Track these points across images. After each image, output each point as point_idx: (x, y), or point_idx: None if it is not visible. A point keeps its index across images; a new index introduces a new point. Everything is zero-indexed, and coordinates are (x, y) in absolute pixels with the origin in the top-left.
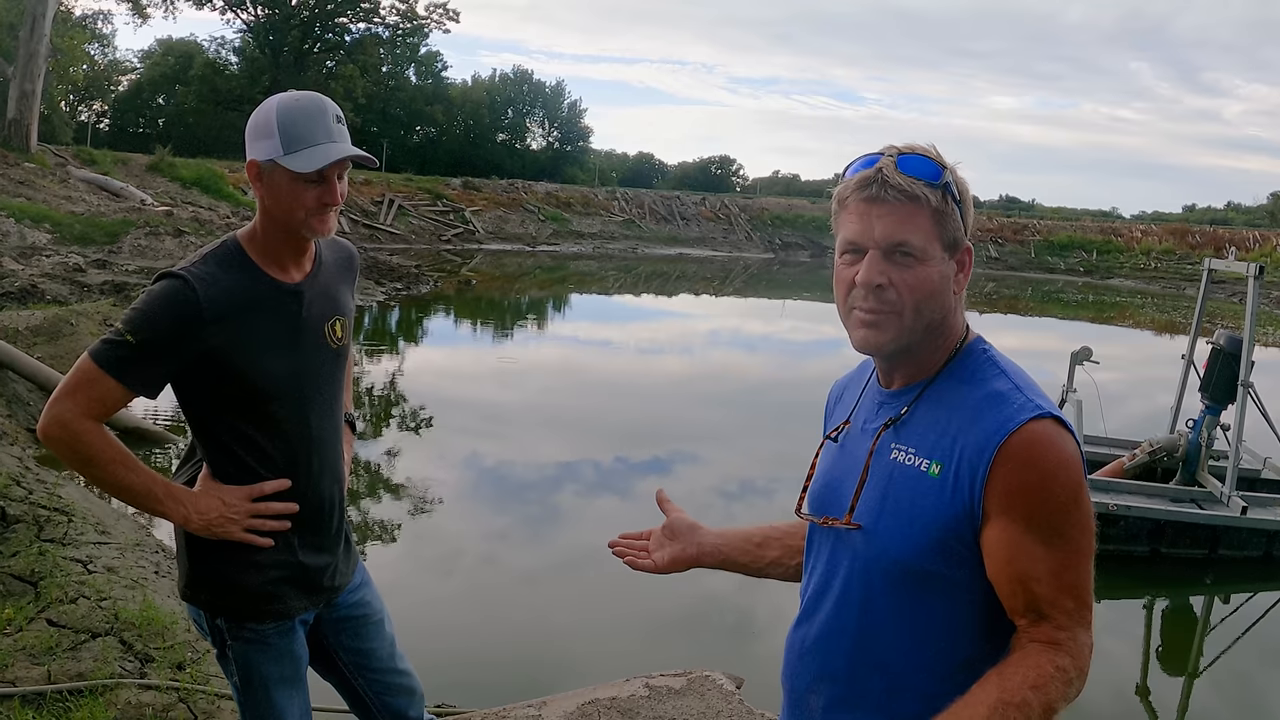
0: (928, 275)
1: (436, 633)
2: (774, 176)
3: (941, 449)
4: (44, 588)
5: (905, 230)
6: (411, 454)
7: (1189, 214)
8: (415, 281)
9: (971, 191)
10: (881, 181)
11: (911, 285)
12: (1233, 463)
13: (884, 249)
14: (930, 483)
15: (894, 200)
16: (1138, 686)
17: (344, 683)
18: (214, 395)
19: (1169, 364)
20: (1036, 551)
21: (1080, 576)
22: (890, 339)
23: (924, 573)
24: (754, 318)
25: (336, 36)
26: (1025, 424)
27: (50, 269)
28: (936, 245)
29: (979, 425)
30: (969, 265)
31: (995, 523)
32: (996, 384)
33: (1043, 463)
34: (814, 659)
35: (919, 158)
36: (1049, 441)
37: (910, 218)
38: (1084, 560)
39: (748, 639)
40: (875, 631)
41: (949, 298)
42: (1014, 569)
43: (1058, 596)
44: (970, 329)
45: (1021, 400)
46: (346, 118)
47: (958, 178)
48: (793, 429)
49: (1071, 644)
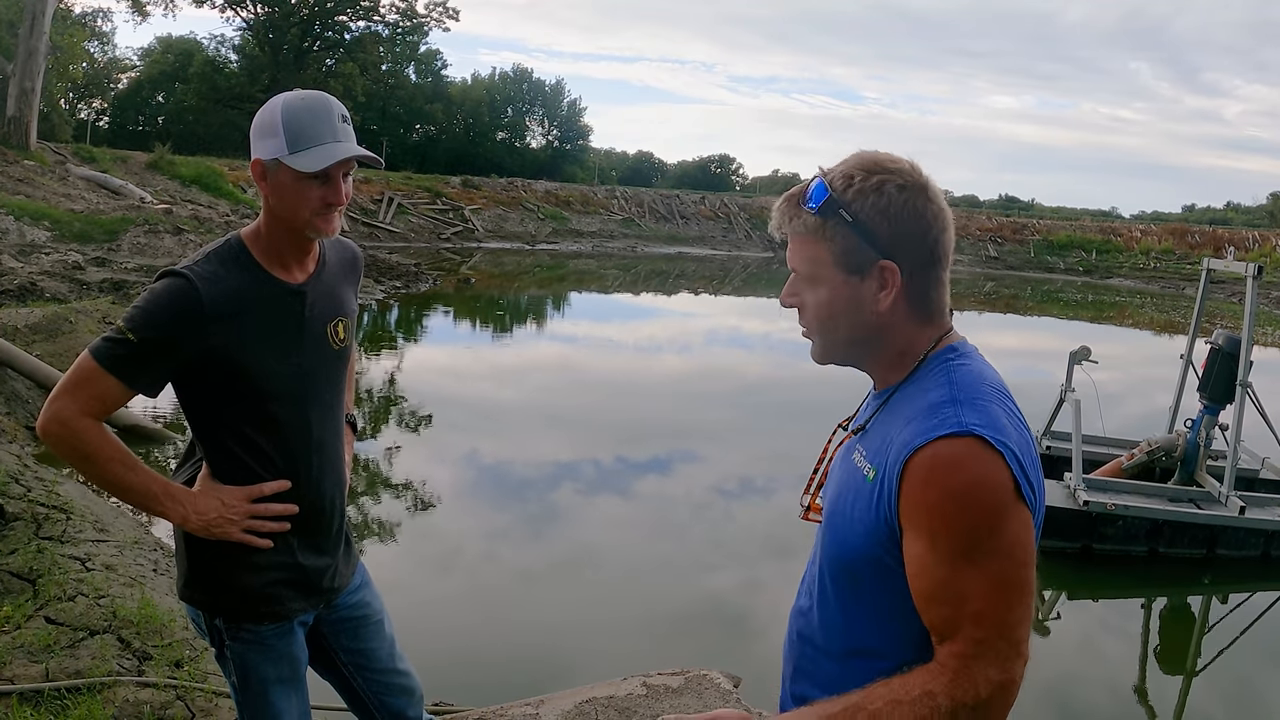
0: (827, 298)
1: (434, 631)
2: (773, 175)
3: (879, 455)
4: (42, 585)
5: (795, 258)
6: (410, 452)
7: (1188, 214)
8: (414, 280)
9: (970, 191)
10: (779, 216)
11: (810, 306)
12: (1231, 462)
13: (793, 273)
14: (866, 488)
15: (791, 230)
16: (1136, 686)
17: (343, 683)
18: (214, 395)
19: (1168, 364)
20: (939, 573)
21: (992, 606)
22: (816, 352)
23: (857, 574)
24: (753, 316)
25: (336, 34)
26: (933, 441)
27: (49, 266)
28: (830, 269)
29: (902, 436)
30: (892, 281)
31: (908, 536)
32: (933, 395)
33: (945, 483)
34: (790, 629)
35: (818, 185)
36: (955, 462)
37: (800, 246)
38: (1001, 590)
39: (746, 638)
40: (825, 618)
41: (867, 314)
42: (918, 585)
43: (960, 622)
44: (949, 334)
45: (946, 414)
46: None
47: (865, 195)
48: (792, 428)
49: (960, 673)
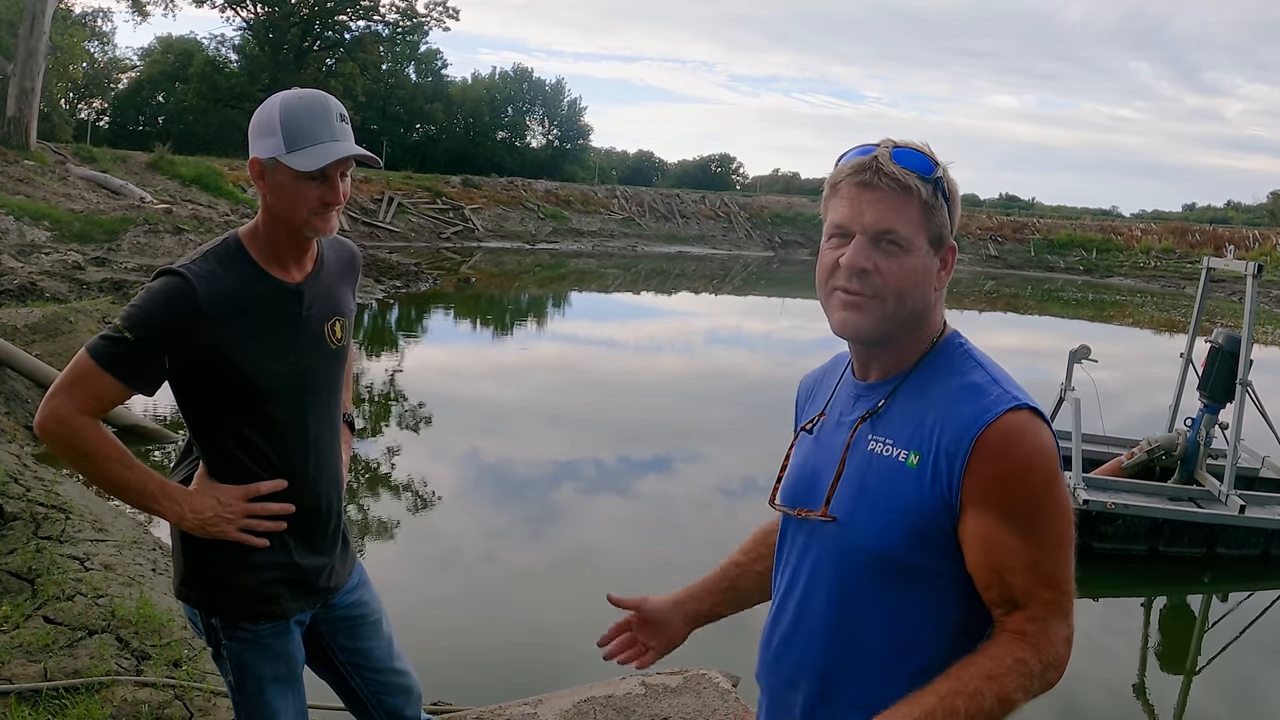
0: (912, 265)
1: (433, 631)
2: (774, 175)
3: (919, 440)
4: (41, 585)
5: (894, 218)
6: (410, 452)
7: (1189, 213)
8: (414, 279)
9: (971, 190)
10: (876, 169)
11: (896, 273)
12: (1231, 461)
13: (871, 235)
14: (908, 473)
15: (886, 188)
16: (1135, 685)
17: (341, 682)
18: (211, 393)
19: (1168, 363)
20: (1013, 543)
21: (1058, 566)
22: (870, 323)
23: (902, 564)
24: (753, 316)
25: (336, 34)
26: (1002, 415)
27: (49, 266)
28: (922, 237)
29: (956, 416)
30: (951, 264)
31: (972, 514)
32: (973, 376)
33: (1019, 453)
34: (791, 654)
35: (914, 152)
36: (1025, 432)
37: (900, 207)
38: (1062, 549)
39: (745, 637)
40: (854, 626)
41: (930, 291)
42: (990, 560)
43: (1033, 587)
44: (947, 324)
45: (998, 392)
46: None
47: (949, 177)
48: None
49: (1040, 636)
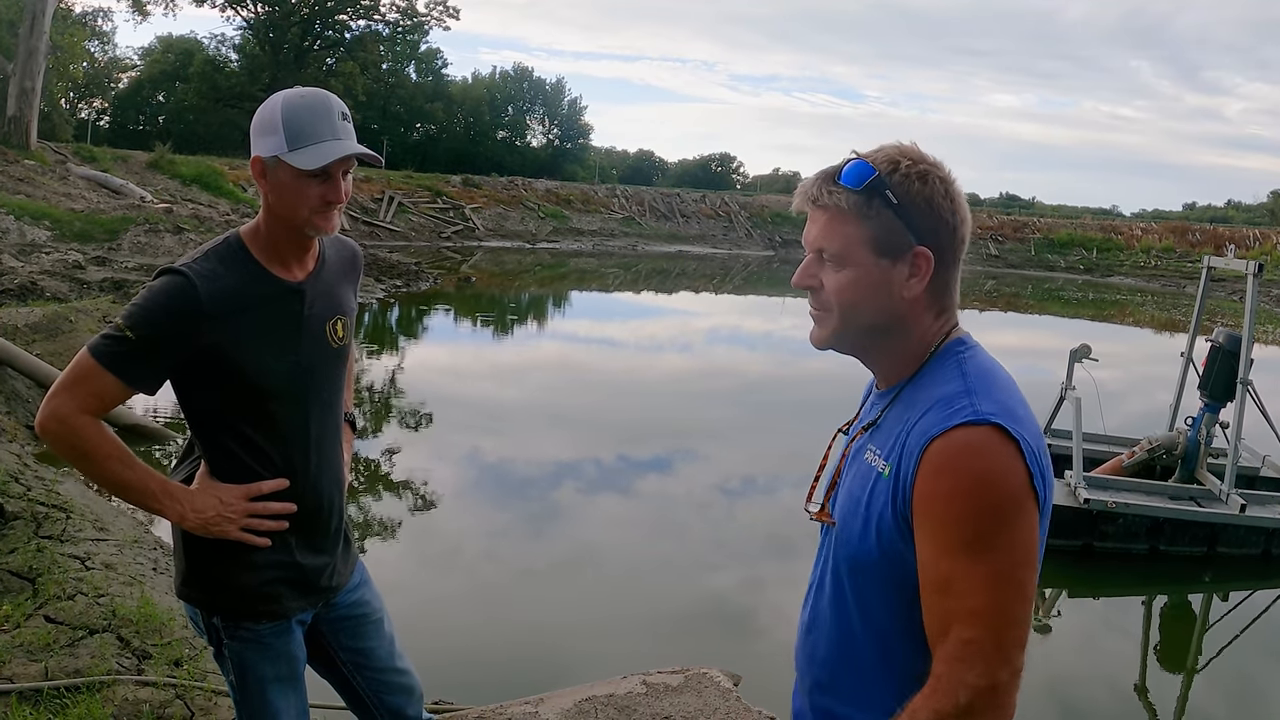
0: (853, 279)
1: (434, 630)
2: (774, 174)
3: (893, 450)
4: (42, 584)
5: (825, 237)
6: (411, 451)
7: (1189, 212)
8: (415, 278)
9: (971, 189)
10: (812, 186)
11: (834, 288)
12: (1231, 460)
13: (814, 252)
14: (883, 483)
15: (822, 206)
16: (1136, 684)
17: (343, 681)
18: (212, 393)
19: (1168, 362)
20: (942, 564)
21: (989, 604)
22: (825, 336)
23: (879, 572)
24: (754, 315)
25: (336, 34)
26: (954, 428)
27: (50, 266)
28: (863, 250)
29: (918, 427)
30: (925, 268)
31: (916, 529)
32: (949, 386)
33: (963, 469)
34: (805, 642)
35: (858, 165)
36: (978, 450)
37: (832, 224)
38: (1003, 589)
39: (746, 637)
40: (845, 627)
41: (893, 301)
42: (923, 578)
43: (953, 621)
44: (956, 329)
45: (963, 404)
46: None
47: (912, 181)
48: (793, 427)
49: (947, 679)
